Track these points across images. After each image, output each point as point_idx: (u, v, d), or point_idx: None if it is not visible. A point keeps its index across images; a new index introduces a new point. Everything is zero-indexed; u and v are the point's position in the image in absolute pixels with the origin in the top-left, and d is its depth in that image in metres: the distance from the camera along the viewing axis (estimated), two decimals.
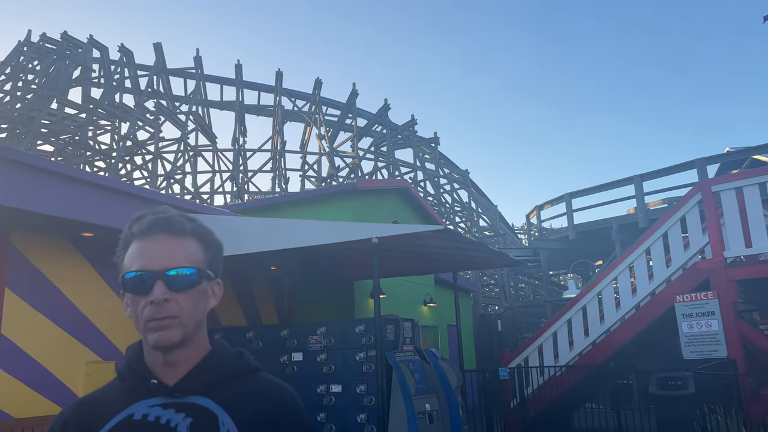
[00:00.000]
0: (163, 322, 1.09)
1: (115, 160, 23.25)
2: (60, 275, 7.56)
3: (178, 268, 1.12)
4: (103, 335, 7.96)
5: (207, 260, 1.17)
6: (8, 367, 6.82)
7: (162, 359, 1.14)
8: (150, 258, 1.13)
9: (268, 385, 1.21)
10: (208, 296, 1.17)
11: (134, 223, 1.18)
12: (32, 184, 6.40)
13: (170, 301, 1.08)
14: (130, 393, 1.14)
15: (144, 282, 1.10)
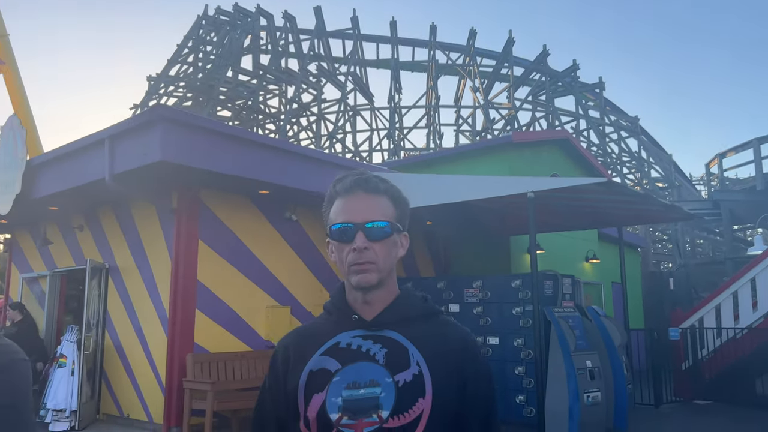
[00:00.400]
0: (363, 266, 1.27)
1: (283, 123, 24.96)
2: (242, 229, 8.43)
3: (375, 222, 1.30)
4: (280, 283, 8.79)
5: (397, 215, 1.35)
6: (204, 308, 7.84)
7: (361, 298, 1.32)
8: (352, 212, 1.31)
9: (451, 327, 1.38)
10: (398, 246, 1.35)
11: (338, 183, 1.38)
12: (219, 148, 7.16)
13: (369, 249, 1.27)
14: (336, 325, 1.35)
15: (347, 232, 1.29)
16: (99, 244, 9.14)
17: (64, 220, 9.73)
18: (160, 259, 8.03)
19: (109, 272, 8.83)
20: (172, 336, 7.59)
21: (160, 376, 7.67)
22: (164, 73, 25.91)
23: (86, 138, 7.72)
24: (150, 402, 7.79)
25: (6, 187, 8.85)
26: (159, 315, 7.88)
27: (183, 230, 7.81)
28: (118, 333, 8.53)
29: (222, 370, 7.64)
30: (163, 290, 7.87)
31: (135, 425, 7.92)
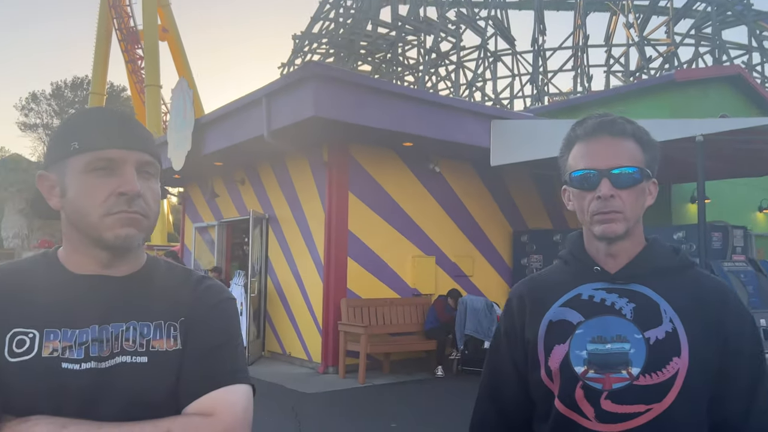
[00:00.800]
0: (608, 215, 1.20)
1: (421, 73, 24.87)
2: (388, 181, 8.64)
3: (622, 167, 1.21)
4: (424, 233, 8.94)
5: (646, 160, 1.24)
6: (355, 256, 8.23)
7: (605, 249, 1.25)
8: (595, 157, 1.22)
9: (707, 279, 1.27)
10: (646, 194, 1.26)
11: (578, 126, 1.28)
12: (366, 102, 7.32)
13: (615, 197, 1.19)
14: (575, 276, 1.28)
15: (590, 179, 1.22)
16: (259, 196, 9.87)
17: (228, 175, 10.60)
18: (314, 210, 8.51)
19: (269, 222, 9.54)
20: (327, 282, 8.09)
21: (317, 319, 8.25)
22: (308, 30, 26.76)
23: (245, 97, 8.27)
24: (308, 342, 8.43)
25: (178, 145, 9.79)
26: (315, 262, 8.40)
27: (334, 182, 8.17)
28: (279, 278, 9.25)
29: (373, 315, 8.03)
30: (318, 239, 8.35)
31: (296, 362, 8.63)
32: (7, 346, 0.97)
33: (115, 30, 29.80)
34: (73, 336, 0.99)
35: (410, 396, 6.85)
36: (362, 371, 7.33)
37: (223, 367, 1.06)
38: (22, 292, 1.02)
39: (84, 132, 1.03)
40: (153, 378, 1.02)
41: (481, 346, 7.71)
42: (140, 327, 1.04)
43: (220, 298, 1.14)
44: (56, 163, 1.06)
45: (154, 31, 27.91)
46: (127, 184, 1.01)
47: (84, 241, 1.05)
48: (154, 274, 1.12)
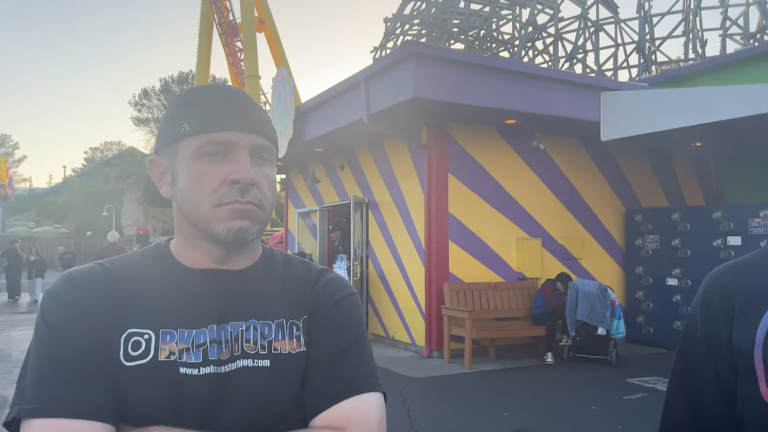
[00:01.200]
0: None
1: (517, 49, 23.98)
2: (489, 161, 8.35)
3: None
4: (529, 214, 8.59)
5: None
6: (456, 239, 8.04)
7: None
8: None
9: None
10: None
11: None
12: (467, 80, 7.07)
13: None
14: None
15: None
16: (358, 181, 9.89)
17: (327, 160, 10.71)
18: (413, 193, 8.39)
19: (368, 206, 9.55)
20: (428, 265, 7.97)
21: (420, 302, 8.16)
22: (399, 12, 26.58)
23: (344, 82, 8.25)
24: (411, 325, 8.37)
25: (281, 133, 9.99)
26: (415, 245, 8.31)
27: (433, 164, 8.01)
28: (380, 261, 9.25)
29: (477, 299, 7.83)
30: (418, 222, 8.24)
31: (399, 346, 8.62)
32: (122, 348, 0.89)
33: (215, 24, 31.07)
34: (189, 337, 0.91)
35: (520, 383, 6.62)
36: (468, 357, 7.18)
37: (353, 372, 0.96)
38: (134, 289, 0.94)
39: (195, 112, 0.94)
40: (276, 384, 0.93)
41: (594, 333, 7.31)
42: (261, 326, 0.95)
43: (344, 293, 1.04)
44: (167, 148, 0.97)
45: (252, 24, 28.81)
46: (241, 171, 0.91)
47: (195, 234, 0.96)
48: (272, 267, 1.03)
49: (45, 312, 0.89)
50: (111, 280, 0.93)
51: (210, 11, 30.59)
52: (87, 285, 0.91)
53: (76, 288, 0.91)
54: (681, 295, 8.38)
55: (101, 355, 0.87)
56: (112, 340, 0.88)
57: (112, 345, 0.88)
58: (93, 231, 35.61)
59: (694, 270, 8.21)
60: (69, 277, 0.93)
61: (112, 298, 0.91)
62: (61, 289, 0.91)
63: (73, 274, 0.93)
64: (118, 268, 0.96)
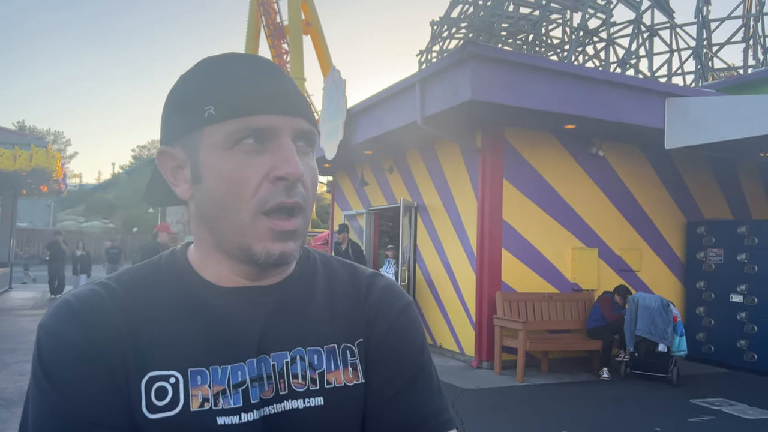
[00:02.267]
0: None
1: (567, 53, 23.48)
2: (546, 167, 8.09)
3: None
4: (586, 223, 8.28)
5: None
6: (510, 247, 7.80)
7: None
8: None
9: None
10: None
11: None
12: (526, 83, 6.84)
13: None
14: None
15: None
16: (407, 184, 9.74)
17: (376, 163, 10.59)
18: (465, 198, 8.19)
19: (417, 210, 9.38)
20: (480, 273, 7.75)
21: (470, 311, 7.94)
22: (446, 15, 26.40)
23: (397, 84, 8.11)
24: (461, 334, 8.16)
25: (330, 135, 9.92)
26: (466, 252, 8.09)
27: (488, 169, 7.79)
28: (428, 267, 9.07)
29: (530, 309, 7.57)
30: (470, 228, 8.03)
31: (447, 354, 8.41)
32: (144, 397, 0.70)
33: (263, 27, 31.45)
34: (225, 375, 0.73)
35: (576, 399, 6.33)
36: (521, 369, 6.93)
37: (425, 408, 0.80)
38: (151, 317, 0.74)
39: (222, 91, 0.72)
40: (333, 426, 0.77)
41: (654, 349, 6.97)
42: (309, 355, 0.78)
43: (403, 304, 0.86)
44: (185, 136, 0.75)
45: (298, 26, 29.06)
46: (288, 164, 0.71)
47: (221, 247, 0.76)
48: (313, 275, 0.84)
49: (42, 354, 0.70)
50: (122, 306, 0.74)
51: (258, 13, 30.99)
52: (92, 316, 0.72)
53: (79, 321, 0.71)
54: (746, 312, 7.93)
55: (117, 408, 0.70)
56: (129, 387, 0.71)
57: (130, 393, 0.70)
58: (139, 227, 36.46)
59: (762, 286, 7.77)
60: (68, 307, 0.72)
61: (125, 332, 0.72)
62: (59, 322, 0.71)
63: (73, 302, 0.73)
64: (127, 290, 0.76)
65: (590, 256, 8.20)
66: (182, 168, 0.77)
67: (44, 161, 12.65)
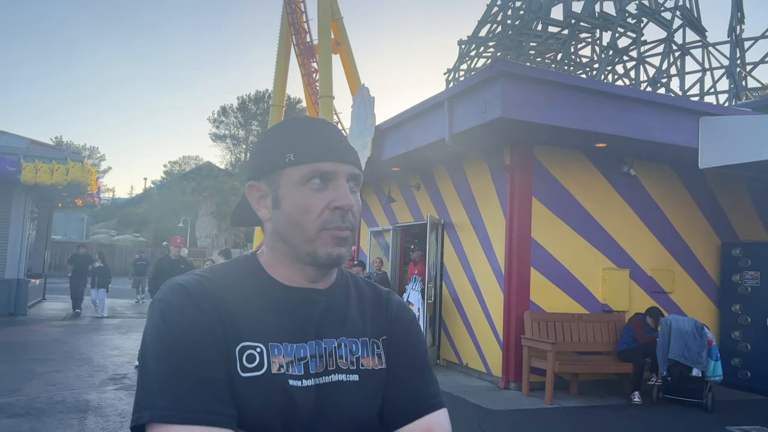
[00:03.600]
0: None
1: (597, 72, 23.31)
2: (576, 185, 8.00)
3: None
4: (617, 243, 8.14)
5: None
6: (539, 267, 7.70)
7: None
8: None
9: None
10: None
11: None
12: (557, 100, 6.80)
13: None
14: None
15: None
16: (434, 201, 9.72)
17: (402, 180, 10.61)
18: (493, 216, 8.13)
19: (444, 228, 9.34)
20: (508, 292, 7.66)
21: (497, 330, 7.84)
22: (474, 34, 26.48)
23: (426, 102, 8.14)
24: (487, 354, 8.05)
25: (358, 152, 9.98)
26: (494, 270, 8.02)
27: (516, 187, 7.73)
28: (454, 285, 9.00)
29: (559, 330, 7.44)
30: (498, 246, 7.96)
31: (473, 374, 8.30)
32: (238, 360, 0.93)
33: (293, 46, 31.91)
34: (292, 351, 0.97)
35: (608, 423, 6.18)
36: (549, 391, 6.79)
37: (428, 390, 1.08)
38: (240, 303, 0.97)
39: (299, 143, 1.00)
40: (364, 397, 1.02)
41: (688, 373, 6.77)
42: (349, 344, 1.04)
43: (412, 317, 1.16)
44: (269, 174, 1.02)
45: (328, 45, 29.41)
46: (343, 199, 0.98)
47: (291, 255, 1.01)
48: (347, 287, 1.11)
49: (167, 322, 0.91)
50: (219, 291, 0.97)
51: (288, 33, 31.48)
52: (202, 297, 0.94)
53: (193, 300, 0.93)
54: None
55: (222, 366, 0.90)
56: (229, 352, 0.92)
57: (229, 356, 0.92)
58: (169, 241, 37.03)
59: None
60: (183, 289, 0.94)
61: (224, 311, 0.94)
62: (178, 299, 0.93)
63: (186, 285, 0.95)
64: (219, 280, 0.99)
65: (621, 276, 8.05)
66: (265, 198, 1.03)
67: (80, 175, 12.95)
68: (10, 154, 12.60)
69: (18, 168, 12.34)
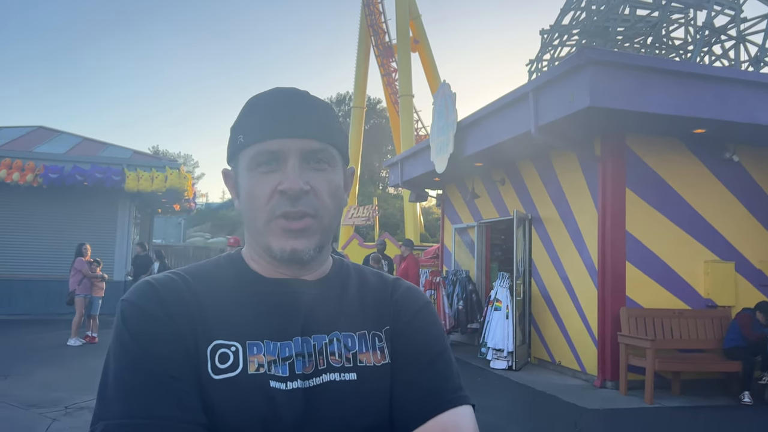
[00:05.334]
0: None
1: (692, 54, 22.01)
2: (673, 175, 7.60)
3: None
4: (720, 234, 7.66)
5: None
6: (635, 261, 7.38)
7: None
8: None
9: None
10: None
11: None
12: (650, 87, 6.50)
13: None
14: None
15: None
16: (520, 196, 9.53)
17: (487, 175, 10.47)
18: (584, 209, 7.87)
19: (532, 222, 9.14)
20: (602, 288, 7.39)
21: (591, 327, 7.58)
22: (557, 23, 25.70)
23: (509, 94, 8.00)
24: (581, 352, 7.80)
25: (441, 149, 9.95)
26: (586, 266, 7.76)
27: (608, 178, 7.44)
28: (544, 281, 8.78)
29: (659, 327, 7.10)
30: (590, 241, 7.69)
31: (567, 373, 8.07)
32: (209, 360, 0.84)
33: (372, 47, 32.27)
34: (275, 349, 0.87)
35: (718, 426, 5.83)
36: (649, 390, 6.49)
37: (444, 384, 0.92)
38: (215, 299, 0.89)
39: (248, 122, 0.90)
40: (364, 398, 0.89)
41: None
42: (344, 338, 0.92)
43: (423, 302, 1.01)
44: (232, 159, 0.94)
45: (407, 44, 29.49)
46: (288, 181, 0.85)
47: (257, 248, 0.92)
48: (346, 277, 1.00)
49: (127, 321, 0.84)
50: (191, 289, 0.89)
51: (367, 34, 31.86)
52: (169, 294, 0.86)
53: (157, 297, 0.86)
54: None
55: (189, 368, 0.82)
56: (198, 352, 0.84)
57: (198, 357, 0.84)
58: None
59: None
60: (149, 286, 0.87)
61: (195, 308, 0.87)
62: (142, 297, 0.86)
63: (153, 282, 0.88)
64: (194, 277, 0.91)
65: (726, 269, 7.56)
66: (236, 186, 0.94)
67: (177, 182, 13.73)
68: (115, 164, 13.57)
69: (122, 177, 13.27)
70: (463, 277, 10.21)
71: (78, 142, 16.06)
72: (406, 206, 26.62)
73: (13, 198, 13.47)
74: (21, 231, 13.67)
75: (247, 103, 0.93)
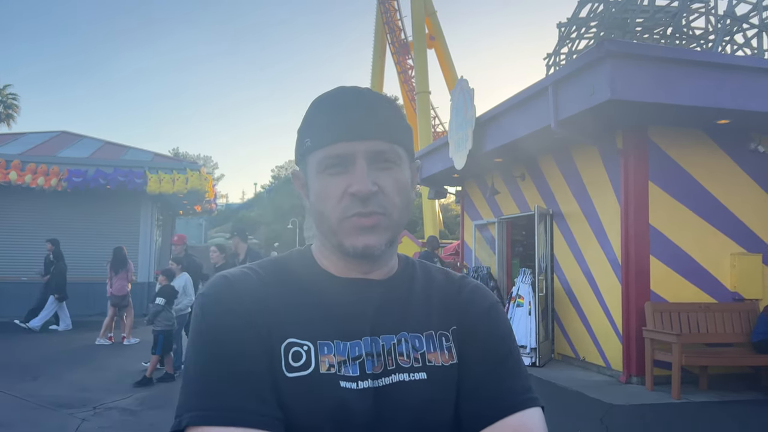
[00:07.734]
0: None
1: (713, 44, 21.64)
2: (696, 166, 7.49)
3: None
4: (746, 226, 7.54)
5: None
6: (659, 254, 7.29)
7: None
8: None
9: None
10: None
11: None
12: (672, 78, 6.41)
13: None
14: None
15: None
16: (541, 191, 9.46)
17: (506, 171, 10.40)
18: (606, 203, 7.79)
19: (553, 217, 9.07)
20: (626, 282, 7.31)
21: (615, 323, 7.51)
22: (575, 16, 25.43)
23: (528, 89, 7.94)
24: (606, 347, 7.73)
25: (459, 145, 9.92)
26: (609, 260, 7.68)
27: (631, 172, 7.36)
28: (567, 276, 8.72)
29: (684, 321, 7.01)
30: (613, 235, 7.61)
31: (591, 368, 8.00)
32: (283, 358, 0.85)
33: (388, 44, 32.26)
34: (345, 349, 0.87)
35: (748, 422, 5.73)
36: (676, 385, 6.41)
37: (513, 385, 0.91)
38: (288, 297, 0.90)
39: (313, 125, 0.91)
40: (434, 398, 0.89)
41: None
42: (411, 339, 0.92)
43: (491, 301, 1.00)
44: (301, 161, 0.95)
45: (422, 40, 29.43)
46: (357, 183, 0.86)
47: (329, 246, 0.93)
48: (413, 276, 0.99)
49: (207, 315, 0.86)
50: (265, 285, 0.90)
51: (383, 32, 31.88)
52: (245, 290, 0.88)
53: (235, 293, 0.88)
54: None
55: (266, 364, 0.84)
56: (272, 350, 0.85)
57: (272, 354, 0.85)
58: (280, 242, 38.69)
59: None
60: (226, 281, 0.89)
61: (268, 305, 0.88)
62: (220, 292, 0.88)
63: (230, 277, 0.90)
64: (268, 274, 0.93)
65: (753, 262, 7.43)
66: (304, 186, 0.96)
67: (198, 183, 13.87)
68: (137, 167, 13.75)
69: (144, 180, 13.43)
70: (484, 274, 10.18)
71: (100, 145, 16.30)
72: (424, 203, 26.57)
73: (38, 202, 13.71)
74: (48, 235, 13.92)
75: (312, 105, 0.94)
